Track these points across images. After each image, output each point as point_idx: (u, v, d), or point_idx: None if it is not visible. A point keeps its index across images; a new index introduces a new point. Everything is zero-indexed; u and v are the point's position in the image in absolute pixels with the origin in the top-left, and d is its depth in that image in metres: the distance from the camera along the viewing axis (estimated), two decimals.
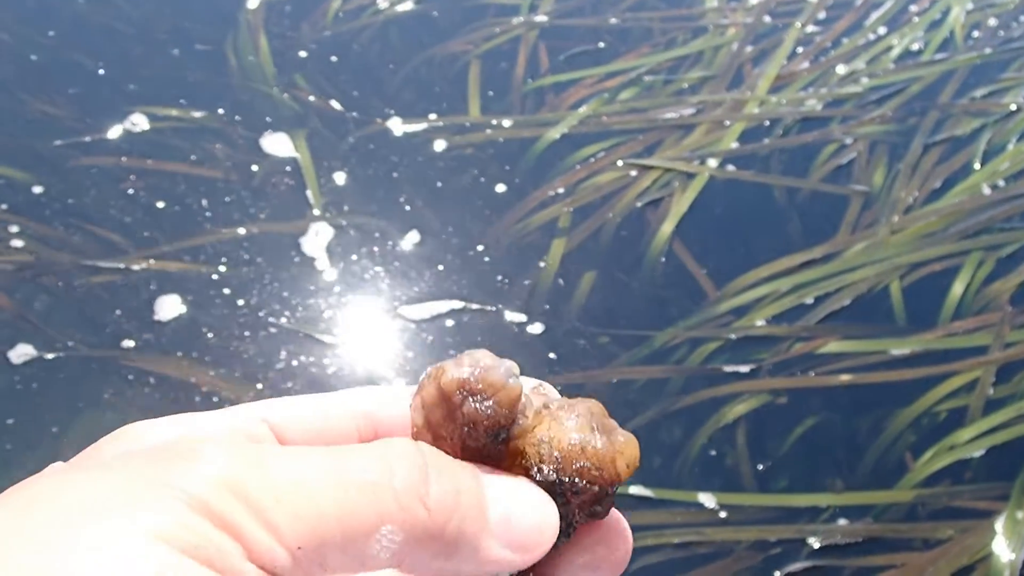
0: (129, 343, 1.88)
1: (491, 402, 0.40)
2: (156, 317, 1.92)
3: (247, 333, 1.91)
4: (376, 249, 2.06)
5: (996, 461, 1.81)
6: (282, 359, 1.88)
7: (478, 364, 0.40)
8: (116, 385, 1.83)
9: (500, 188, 2.19)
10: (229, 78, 2.40)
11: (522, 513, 0.41)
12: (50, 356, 1.85)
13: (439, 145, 2.27)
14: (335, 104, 2.35)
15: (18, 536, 0.34)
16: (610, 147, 2.29)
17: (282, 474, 0.36)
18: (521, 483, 0.42)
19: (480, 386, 0.40)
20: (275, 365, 1.87)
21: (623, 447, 0.42)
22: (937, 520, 1.74)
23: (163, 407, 1.80)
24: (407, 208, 2.14)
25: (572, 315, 1.98)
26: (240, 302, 1.96)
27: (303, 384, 1.85)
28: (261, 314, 1.94)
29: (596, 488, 0.41)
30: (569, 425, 0.42)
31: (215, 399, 1.82)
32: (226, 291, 1.97)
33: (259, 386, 1.84)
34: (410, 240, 2.08)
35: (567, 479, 0.41)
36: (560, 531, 0.42)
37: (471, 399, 0.40)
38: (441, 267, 2.04)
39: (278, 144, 2.25)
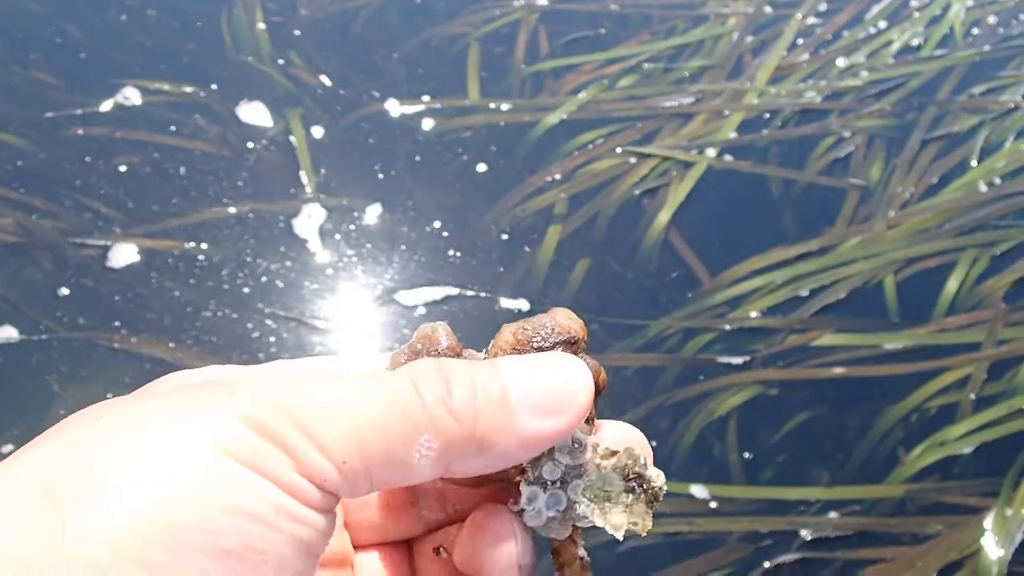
0: (115, 323, 1.86)
1: (440, 347, 0.47)
2: (142, 298, 1.91)
3: (236, 316, 1.90)
4: (369, 232, 2.05)
5: (986, 458, 1.82)
6: (272, 344, 1.87)
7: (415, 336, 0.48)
8: (98, 367, 1.82)
9: (497, 172, 2.18)
10: (224, 55, 2.37)
11: (544, 379, 0.43)
12: (33, 337, 1.84)
13: (436, 127, 2.25)
14: (330, 84, 2.33)
15: (91, 438, 0.38)
16: (608, 134, 2.28)
17: (325, 397, 0.39)
18: (539, 356, 0.45)
19: (419, 344, 0.47)
20: (267, 350, 1.86)
21: (555, 312, 0.48)
22: (926, 515, 1.74)
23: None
24: (402, 191, 2.13)
25: (566, 302, 1.97)
26: (229, 284, 1.94)
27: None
28: (251, 297, 1.93)
29: (558, 340, 0.46)
30: (506, 330, 0.48)
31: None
32: (215, 273, 1.95)
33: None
34: (404, 223, 2.07)
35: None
36: None
37: (425, 351, 0.47)
38: (436, 251, 2.02)
39: (256, 114, 2.23)
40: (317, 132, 2.22)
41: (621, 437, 0.48)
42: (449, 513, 0.51)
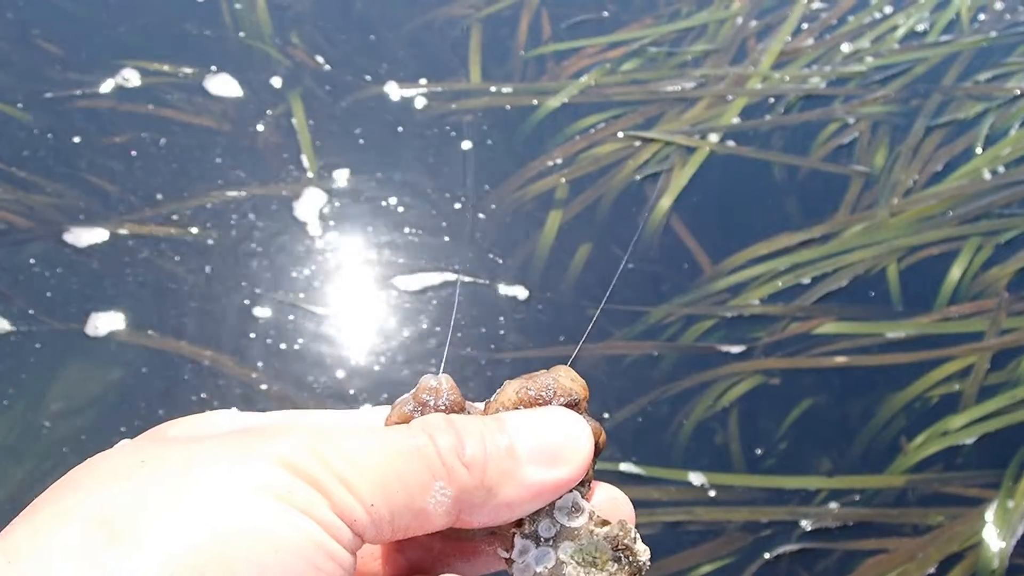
0: (107, 312, 1.85)
1: (443, 399, 0.48)
2: (136, 286, 1.89)
3: (234, 301, 1.88)
4: (367, 216, 2.03)
5: (988, 449, 1.80)
6: (269, 330, 1.85)
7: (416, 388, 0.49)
8: (90, 356, 1.80)
9: (498, 156, 2.16)
10: (225, 35, 2.35)
11: (546, 433, 0.46)
12: (24, 328, 1.82)
13: (437, 110, 2.23)
14: (332, 65, 2.31)
15: (140, 479, 0.40)
16: (610, 118, 2.25)
17: (353, 445, 0.42)
18: (541, 411, 0.48)
19: (423, 395, 0.49)
20: (262, 336, 1.84)
21: (558, 371, 0.50)
22: (927, 506, 1.73)
23: (147, 381, 1.78)
24: (402, 174, 2.11)
25: (566, 288, 1.95)
26: (228, 269, 1.92)
27: (292, 357, 1.82)
28: (250, 282, 1.91)
29: (560, 403, 0.48)
30: (509, 387, 0.49)
31: (198, 369, 1.79)
32: (213, 257, 1.94)
33: (240, 358, 1.81)
34: (404, 208, 2.05)
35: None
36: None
37: (431, 402, 0.48)
38: (435, 236, 2.01)
39: (254, 95, 2.21)
40: (318, 114, 2.20)
41: (610, 498, 0.50)
42: (433, 556, 0.53)
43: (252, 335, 1.83)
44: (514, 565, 0.48)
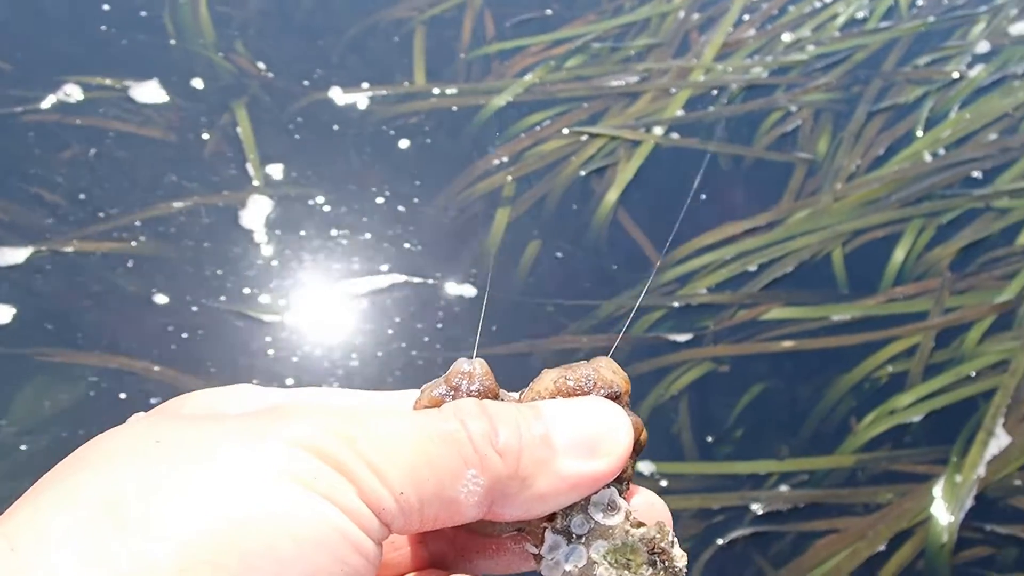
0: (48, 326, 1.84)
1: (476, 384, 0.46)
2: (84, 300, 1.89)
3: (183, 312, 1.88)
4: (315, 221, 2.03)
5: (935, 425, 1.83)
6: (218, 340, 1.85)
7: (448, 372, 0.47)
8: (36, 378, 1.79)
9: (444, 157, 2.17)
10: (167, 46, 2.34)
11: (585, 423, 0.44)
12: None
13: (381, 113, 2.24)
14: (276, 72, 2.31)
15: (153, 460, 0.37)
16: (555, 115, 2.27)
17: (382, 428, 0.40)
18: (579, 400, 0.46)
19: (456, 379, 0.46)
20: (211, 347, 1.84)
21: (599, 362, 0.48)
22: (877, 485, 1.76)
23: (91, 404, 1.77)
24: (349, 179, 2.11)
25: (516, 285, 1.97)
26: (176, 280, 1.92)
27: (243, 366, 1.82)
28: (198, 292, 1.91)
29: (600, 394, 0.46)
30: (547, 376, 0.47)
31: (148, 384, 1.79)
32: (160, 269, 1.94)
33: (189, 370, 1.81)
34: (351, 212, 2.05)
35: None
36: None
37: (463, 386, 0.46)
38: (383, 238, 2.01)
39: (199, 105, 2.20)
40: (263, 121, 2.20)
41: (647, 503, 0.49)
42: (456, 550, 0.51)
43: (201, 346, 1.83)
44: (543, 562, 0.46)
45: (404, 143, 2.18)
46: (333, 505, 0.37)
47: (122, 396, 1.76)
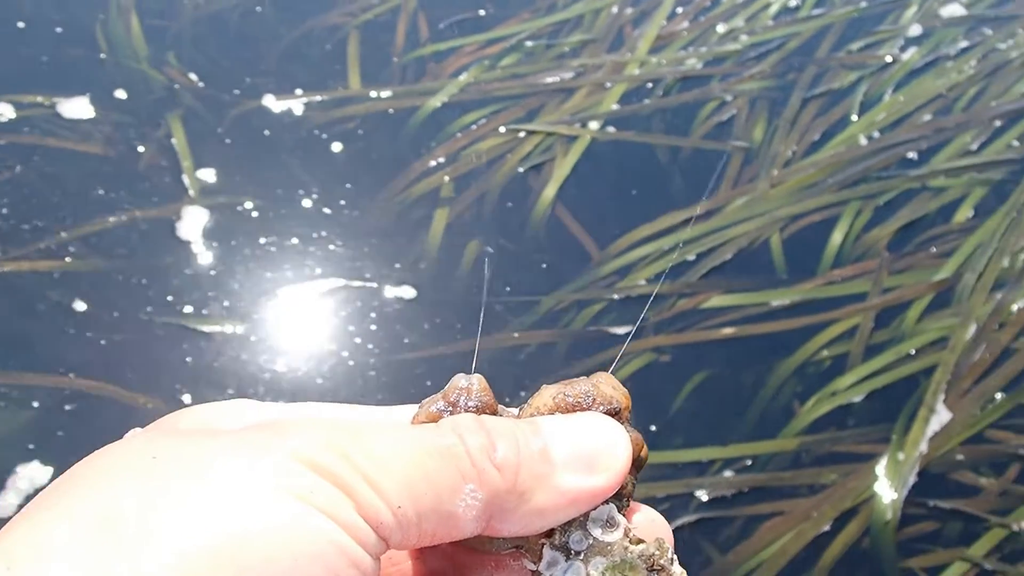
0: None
1: (474, 400, 0.46)
2: (22, 321, 1.86)
3: (123, 329, 1.86)
4: (252, 230, 2.02)
5: (877, 405, 1.85)
6: (160, 355, 1.83)
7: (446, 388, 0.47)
8: None
9: (381, 160, 2.16)
10: (100, 60, 2.32)
11: (583, 438, 0.45)
12: None
13: (317, 119, 2.23)
14: (211, 83, 2.29)
15: (149, 476, 0.37)
16: (491, 114, 2.27)
17: (377, 441, 0.40)
18: (578, 416, 0.46)
19: (453, 395, 0.46)
20: (155, 363, 1.82)
21: (598, 377, 0.48)
22: (821, 466, 1.76)
23: (44, 421, 1.75)
24: (285, 186, 2.10)
25: (458, 284, 1.96)
26: (113, 295, 1.90)
27: (184, 380, 1.81)
28: (137, 307, 1.89)
29: (599, 410, 0.47)
30: (546, 392, 0.47)
31: (92, 402, 1.76)
32: (97, 284, 1.91)
33: (129, 385, 1.79)
34: (288, 219, 2.04)
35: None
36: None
37: (461, 401, 0.46)
38: (322, 244, 2.00)
39: (133, 119, 2.18)
40: (199, 132, 2.18)
41: (647, 520, 0.49)
42: (455, 567, 0.51)
43: (139, 360, 1.81)
44: None
45: (340, 148, 2.17)
46: (330, 519, 0.37)
47: (67, 408, 1.73)
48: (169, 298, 1.89)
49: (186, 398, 1.77)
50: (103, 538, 0.35)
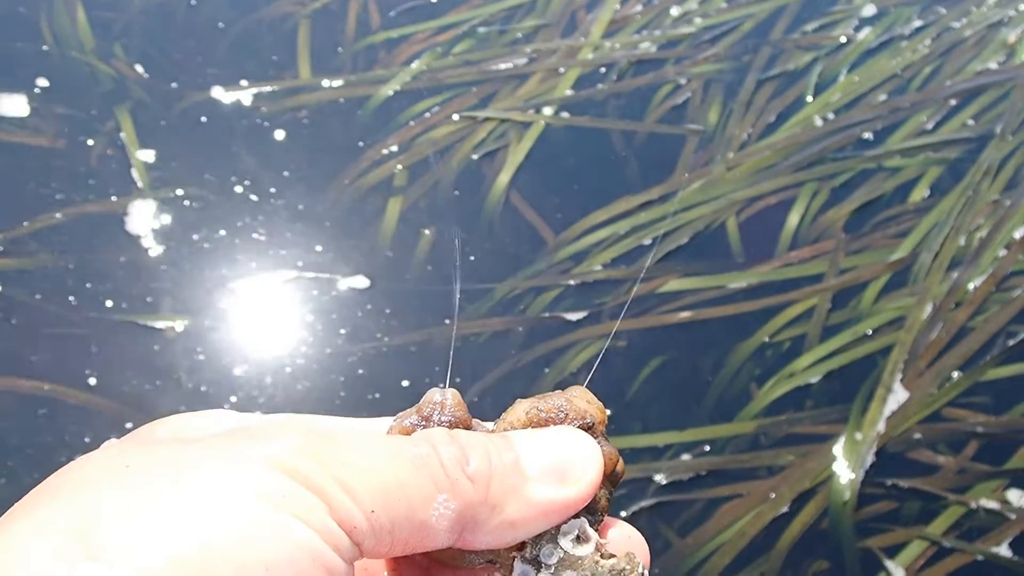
0: None
1: (447, 415, 0.47)
2: None
3: (70, 325, 1.82)
4: (203, 222, 1.99)
5: (834, 385, 1.84)
6: (109, 352, 1.80)
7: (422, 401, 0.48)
8: None
9: (333, 150, 2.13)
10: (47, 54, 2.27)
11: (555, 450, 0.46)
12: None
13: (267, 110, 2.19)
14: (159, 75, 2.25)
15: (124, 486, 0.37)
16: (444, 101, 2.24)
17: (351, 448, 0.40)
18: (550, 430, 0.47)
19: (427, 409, 0.47)
20: (103, 361, 1.79)
21: (573, 391, 0.49)
22: (779, 447, 1.76)
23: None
24: (235, 177, 2.07)
25: (412, 274, 1.94)
26: (61, 293, 1.86)
27: (135, 375, 1.77)
28: (86, 304, 1.85)
29: (572, 425, 0.48)
30: (519, 406, 0.48)
31: (47, 404, 1.73)
32: (43, 283, 1.88)
33: (82, 385, 1.76)
34: (239, 211, 2.01)
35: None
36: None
37: (435, 416, 0.47)
38: (274, 235, 1.97)
39: (78, 112, 2.14)
40: (147, 125, 2.14)
41: (624, 536, 0.49)
42: None
43: (91, 359, 1.78)
44: None
45: (291, 138, 2.14)
46: (304, 524, 0.37)
47: (16, 421, 1.70)
48: (117, 292, 1.86)
49: (137, 394, 1.74)
50: (78, 549, 0.34)
